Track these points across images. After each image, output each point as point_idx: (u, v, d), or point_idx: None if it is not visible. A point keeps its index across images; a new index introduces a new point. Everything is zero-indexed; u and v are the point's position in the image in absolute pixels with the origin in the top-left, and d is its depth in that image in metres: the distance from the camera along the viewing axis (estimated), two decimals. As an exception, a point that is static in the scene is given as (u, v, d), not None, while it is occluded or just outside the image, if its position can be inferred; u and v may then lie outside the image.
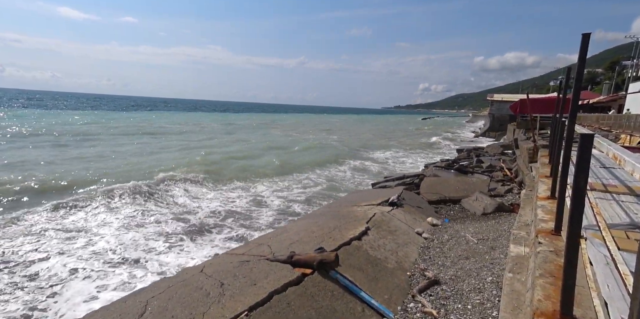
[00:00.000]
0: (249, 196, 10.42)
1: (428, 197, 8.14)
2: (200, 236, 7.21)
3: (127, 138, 24.37)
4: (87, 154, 16.77)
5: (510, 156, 15.72)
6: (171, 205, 9.29)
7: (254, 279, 3.42)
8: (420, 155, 22.14)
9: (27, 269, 5.54)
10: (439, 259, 4.62)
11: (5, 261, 5.77)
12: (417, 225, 5.97)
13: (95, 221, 7.87)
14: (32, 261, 5.82)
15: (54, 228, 7.25)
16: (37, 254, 6.06)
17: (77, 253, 6.17)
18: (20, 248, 6.28)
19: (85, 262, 5.86)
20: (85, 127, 30.88)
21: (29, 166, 13.15)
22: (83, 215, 8.21)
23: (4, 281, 5.15)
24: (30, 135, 23.01)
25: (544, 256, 2.81)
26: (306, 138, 27.52)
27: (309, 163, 16.12)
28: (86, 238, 6.84)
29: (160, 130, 31.69)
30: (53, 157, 15.57)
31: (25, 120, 33.38)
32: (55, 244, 6.52)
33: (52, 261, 5.83)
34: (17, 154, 15.76)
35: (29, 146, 18.53)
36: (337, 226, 5.06)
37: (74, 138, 22.45)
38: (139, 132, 28.50)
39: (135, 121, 41.35)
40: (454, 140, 33.67)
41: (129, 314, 2.95)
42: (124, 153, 17.69)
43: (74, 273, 5.49)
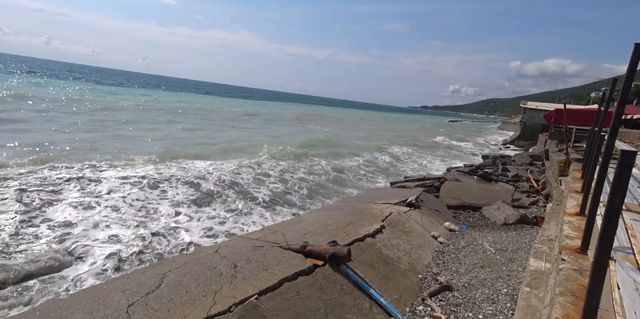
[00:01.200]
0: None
1: (447, 201, 7.97)
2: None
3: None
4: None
5: (538, 167, 15.08)
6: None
7: (266, 265, 3.49)
8: (441, 158, 21.62)
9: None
10: (453, 265, 4.54)
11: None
12: (434, 229, 5.87)
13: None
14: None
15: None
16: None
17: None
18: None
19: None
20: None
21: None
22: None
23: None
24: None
25: (566, 273, 2.69)
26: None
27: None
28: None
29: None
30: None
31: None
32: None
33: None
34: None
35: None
36: (352, 221, 5.06)
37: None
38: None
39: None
40: (480, 146, 32.63)
41: (147, 284, 3.09)
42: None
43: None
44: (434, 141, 31.19)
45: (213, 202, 7.87)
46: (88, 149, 11.79)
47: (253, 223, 7.02)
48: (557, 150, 13.82)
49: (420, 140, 29.20)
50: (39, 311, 2.82)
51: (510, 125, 64.29)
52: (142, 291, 2.98)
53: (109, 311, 2.69)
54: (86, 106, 24.65)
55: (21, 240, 5.23)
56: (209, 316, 2.70)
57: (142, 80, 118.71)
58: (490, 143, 37.03)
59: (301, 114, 44.75)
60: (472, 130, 59.08)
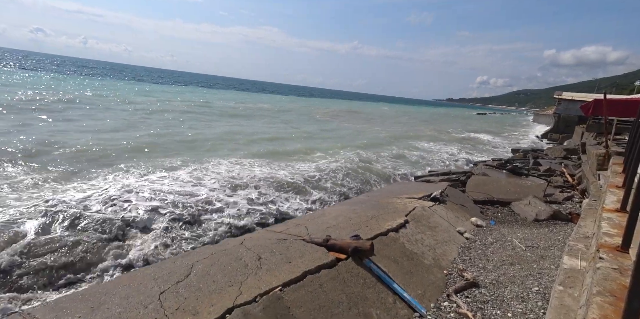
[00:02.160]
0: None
1: (474, 196, 7.72)
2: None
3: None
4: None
5: (574, 161, 14.27)
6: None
7: (290, 258, 3.55)
8: (467, 151, 20.91)
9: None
10: (480, 261, 4.41)
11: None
12: (460, 224, 5.72)
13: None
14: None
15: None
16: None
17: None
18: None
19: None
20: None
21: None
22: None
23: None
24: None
25: (604, 273, 2.54)
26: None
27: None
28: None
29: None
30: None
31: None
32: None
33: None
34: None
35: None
36: (375, 215, 5.02)
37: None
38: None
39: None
40: (509, 139, 31.26)
41: (177, 273, 3.23)
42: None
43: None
44: (458, 135, 30.19)
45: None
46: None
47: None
48: (595, 143, 12.97)
49: (446, 133, 28.35)
50: (82, 295, 3.02)
51: (543, 117, 61.04)
52: (173, 279, 3.12)
53: (143, 297, 2.84)
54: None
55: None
56: (235, 305, 2.78)
57: (175, 77, 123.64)
58: (520, 136, 35.39)
59: (333, 111, 43.80)
60: (500, 123, 56.61)
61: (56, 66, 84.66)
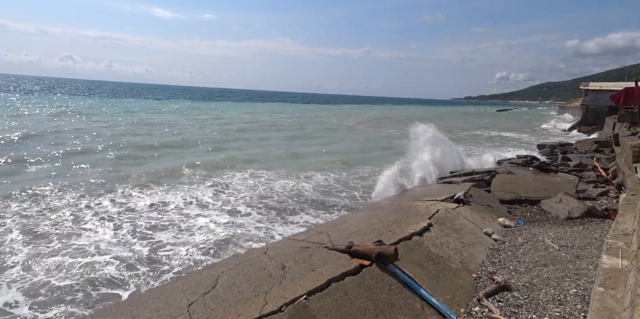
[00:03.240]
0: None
1: (500, 196, 7.45)
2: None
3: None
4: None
5: (607, 154, 13.52)
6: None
7: (313, 266, 3.54)
8: (490, 150, 20.27)
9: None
10: (511, 263, 4.22)
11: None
12: (486, 225, 5.52)
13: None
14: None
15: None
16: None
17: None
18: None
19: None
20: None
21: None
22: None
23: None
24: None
25: (649, 271, 2.38)
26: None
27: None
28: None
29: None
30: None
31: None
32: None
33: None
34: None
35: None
36: (397, 220, 4.93)
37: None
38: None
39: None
40: (534, 134, 30.09)
41: (204, 284, 3.29)
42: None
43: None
44: (479, 133, 29.36)
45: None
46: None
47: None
48: (629, 134, 12.27)
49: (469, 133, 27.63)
50: (115, 308, 3.14)
51: (569, 109, 58.46)
52: (200, 291, 3.18)
53: (172, 310, 2.91)
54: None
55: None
56: (261, 315, 2.80)
57: (198, 93, 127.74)
58: (546, 131, 33.97)
59: (368, 118, 43.05)
60: (523, 118, 54.66)
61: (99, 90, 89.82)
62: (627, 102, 14.52)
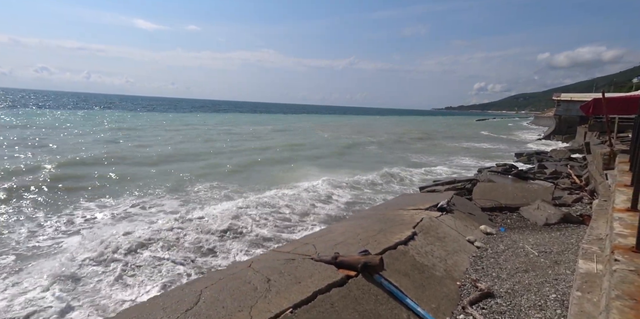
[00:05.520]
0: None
1: (481, 204, 7.63)
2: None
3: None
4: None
5: (580, 162, 14.14)
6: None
7: (299, 278, 3.49)
8: (471, 159, 20.82)
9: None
10: (494, 270, 4.30)
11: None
12: (469, 233, 5.63)
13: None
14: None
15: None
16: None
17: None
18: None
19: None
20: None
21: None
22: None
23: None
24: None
25: (621, 275, 2.48)
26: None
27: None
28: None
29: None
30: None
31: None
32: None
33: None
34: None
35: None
36: (383, 229, 4.96)
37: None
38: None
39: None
40: (511, 144, 31.17)
41: (186, 301, 3.18)
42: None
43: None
44: (461, 145, 30.18)
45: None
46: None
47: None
48: (599, 142, 12.88)
49: (443, 144, 28.33)
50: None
51: (543, 119, 61.03)
52: (182, 308, 3.07)
53: (152, 328, 2.79)
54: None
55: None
56: (246, 330, 2.72)
57: (184, 105, 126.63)
58: (522, 140, 35.27)
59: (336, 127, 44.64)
60: (501, 128, 56.64)
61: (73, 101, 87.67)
62: (596, 112, 15.34)
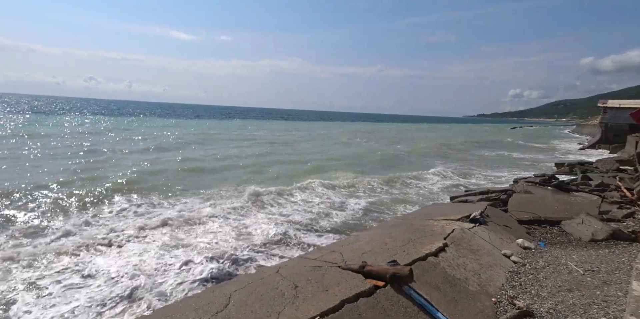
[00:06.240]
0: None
1: (518, 216, 7.22)
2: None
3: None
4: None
5: (630, 173, 13.05)
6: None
7: (326, 286, 3.47)
8: (508, 169, 19.85)
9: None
10: (533, 287, 4.04)
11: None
12: (505, 246, 5.34)
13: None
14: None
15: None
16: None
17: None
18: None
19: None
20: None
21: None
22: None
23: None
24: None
25: (682, 299, 2.24)
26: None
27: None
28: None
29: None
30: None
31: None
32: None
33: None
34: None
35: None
36: (412, 239, 4.83)
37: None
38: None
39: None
40: (551, 153, 29.40)
41: (216, 303, 3.26)
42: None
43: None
44: (497, 153, 28.92)
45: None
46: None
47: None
48: (652, 152, 11.83)
49: (478, 153, 27.25)
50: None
51: (587, 127, 57.13)
52: (212, 310, 3.15)
53: (184, 328, 2.89)
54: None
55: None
56: (273, 336, 2.74)
57: (218, 112, 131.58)
58: (563, 150, 33.16)
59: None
60: (539, 136, 53.67)
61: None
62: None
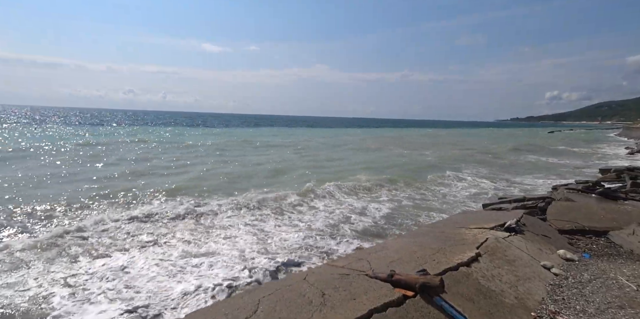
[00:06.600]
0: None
1: (558, 225, 6.78)
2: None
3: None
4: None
5: (687, 179, 11.87)
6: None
7: (354, 294, 3.44)
8: (545, 175, 18.75)
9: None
10: (577, 303, 3.76)
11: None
12: (544, 257, 5.02)
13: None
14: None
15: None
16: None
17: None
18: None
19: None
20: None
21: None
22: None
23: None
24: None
25: None
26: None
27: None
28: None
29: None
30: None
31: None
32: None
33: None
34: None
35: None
36: (442, 248, 4.68)
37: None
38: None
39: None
40: (593, 158, 27.44)
41: (245, 309, 3.32)
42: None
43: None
44: (532, 158, 27.45)
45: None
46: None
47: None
48: None
49: (510, 158, 26.00)
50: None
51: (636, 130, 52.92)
52: (241, 315, 3.21)
53: (215, 332, 2.96)
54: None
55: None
56: (301, 343, 2.74)
57: (247, 120, 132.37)
58: (608, 155, 30.84)
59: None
60: (581, 140, 50.35)
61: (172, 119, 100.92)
62: None
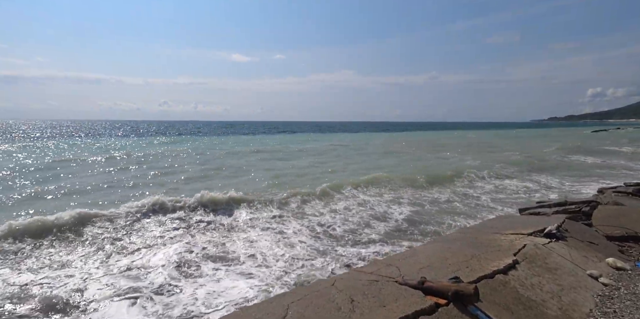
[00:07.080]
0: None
1: (606, 231, 6.28)
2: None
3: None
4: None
5: None
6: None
7: (383, 301, 3.37)
8: (589, 177, 17.49)
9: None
10: (632, 316, 3.44)
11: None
12: (590, 266, 4.66)
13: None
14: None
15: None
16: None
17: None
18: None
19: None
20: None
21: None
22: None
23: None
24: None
25: None
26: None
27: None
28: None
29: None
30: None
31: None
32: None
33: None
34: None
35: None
36: (475, 255, 4.48)
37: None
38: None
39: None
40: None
41: (275, 314, 3.35)
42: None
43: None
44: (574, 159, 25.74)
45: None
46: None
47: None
48: None
49: (547, 159, 24.51)
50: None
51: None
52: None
53: (245, 336, 3.00)
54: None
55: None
56: (331, 350, 2.72)
57: (275, 127, 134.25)
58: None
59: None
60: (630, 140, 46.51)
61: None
62: None
